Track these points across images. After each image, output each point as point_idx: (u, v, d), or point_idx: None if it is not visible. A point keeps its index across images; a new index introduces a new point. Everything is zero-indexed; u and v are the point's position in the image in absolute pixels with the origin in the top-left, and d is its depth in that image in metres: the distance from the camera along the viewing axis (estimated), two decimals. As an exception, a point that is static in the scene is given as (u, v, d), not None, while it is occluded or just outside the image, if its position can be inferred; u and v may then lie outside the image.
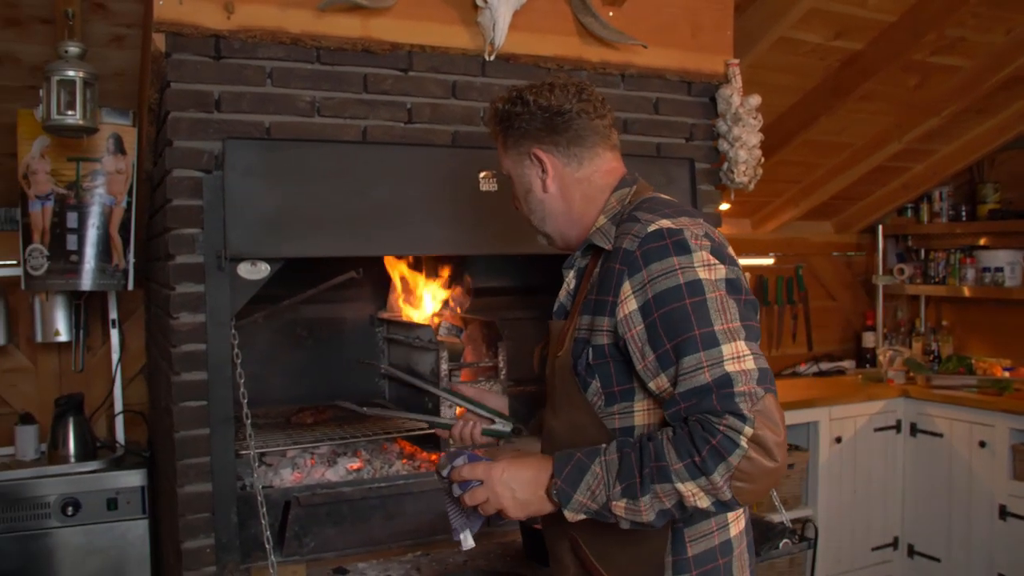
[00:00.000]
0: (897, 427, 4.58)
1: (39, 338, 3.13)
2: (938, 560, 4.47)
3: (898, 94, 3.86)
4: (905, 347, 5.02)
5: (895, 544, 4.63)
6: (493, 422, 2.02)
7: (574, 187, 1.67)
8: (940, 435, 4.42)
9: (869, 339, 5.25)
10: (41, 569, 2.96)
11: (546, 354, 1.80)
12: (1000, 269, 4.60)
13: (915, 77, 3.74)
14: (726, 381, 1.38)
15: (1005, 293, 4.61)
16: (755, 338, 1.47)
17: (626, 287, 1.49)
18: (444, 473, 1.60)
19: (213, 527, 2.30)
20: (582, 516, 1.47)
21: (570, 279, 1.71)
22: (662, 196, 1.67)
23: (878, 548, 4.58)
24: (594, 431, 1.57)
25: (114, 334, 3.23)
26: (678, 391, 1.42)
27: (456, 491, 1.58)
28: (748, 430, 1.34)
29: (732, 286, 1.49)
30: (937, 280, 4.99)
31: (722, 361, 1.40)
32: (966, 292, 4.80)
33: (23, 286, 2.79)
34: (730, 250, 1.57)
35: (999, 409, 4.16)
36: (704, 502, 1.38)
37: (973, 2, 3.20)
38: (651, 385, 1.49)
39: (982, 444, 4.22)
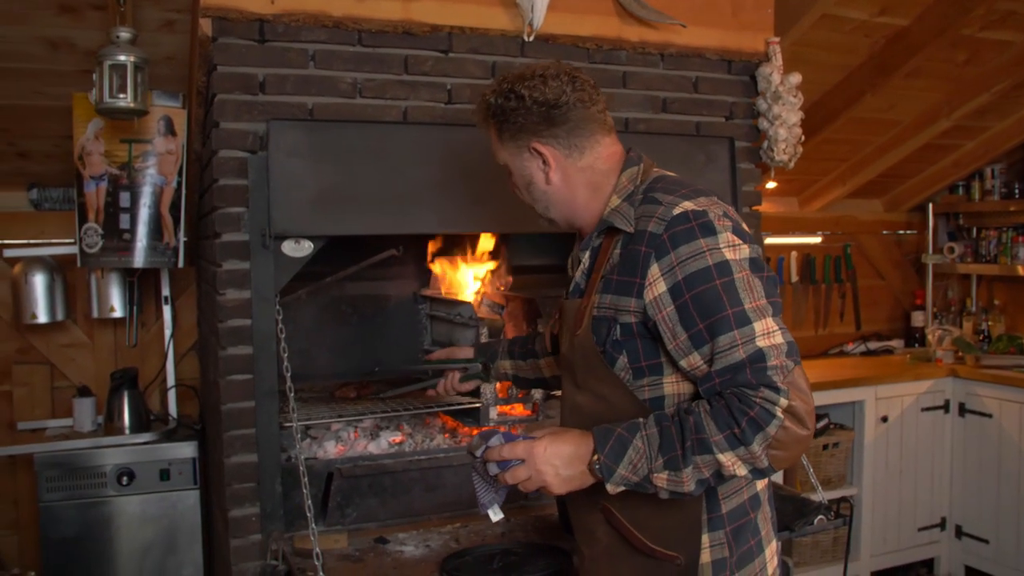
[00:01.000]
0: (945, 407, 4.53)
1: (95, 314, 3.25)
2: (987, 542, 4.42)
3: (947, 70, 3.80)
4: (955, 327, 4.94)
5: (942, 525, 4.59)
6: (466, 370, 2.27)
7: (577, 176, 1.70)
8: (989, 415, 4.36)
9: (918, 318, 5.18)
10: (99, 535, 3.10)
11: (556, 332, 1.88)
12: (1053, 248, 4.51)
13: (964, 53, 3.67)
14: (759, 356, 1.45)
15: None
16: (779, 313, 1.54)
17: (654, 270, 1.54)
18: (478, 453, 1.64)
19: (258, 496, 2.38)
20: (622, 488, 1.52)
21: (585, 259, 1.73)
22: (671, 174, 1.71)
23: (925, 528, 4.55)
24: (624, 402, 1.62)
25: (166, 310, 3.35)
26: (714, 368, 1.48)
27: (494, 469, 1.61)
28: (783, 401, 1.43)
29: (755, 265, 1.55)
30: (989, 259, 4.90)
31: (754, 337, 1.46)
32: (1019, 271, 4.71)
33: (79, 263, 2.90)
34: (744, 226, 1.62)
35: (1050, 389, 4.10)
36: (743, 470, 1.46)
37: (1024, -25, 3.13)
38: (682, 363, 1.55)
39: (1031, 425, 4.16)
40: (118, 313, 3.23)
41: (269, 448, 2.38)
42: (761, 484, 1.70)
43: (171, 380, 3.37)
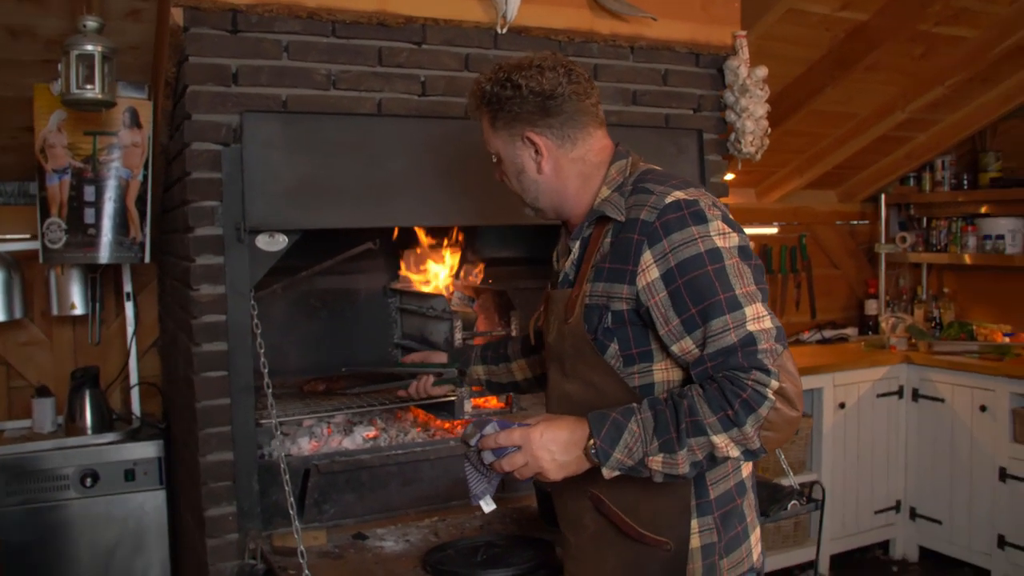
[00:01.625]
0: (899, 393, 4.64)
1: (55, 311, 3.16)
2: (940, 522, 4.55)
3: (903, 64, 3.88)
4: (907, 314, 5.07)
5: (897, 507, 4.71)
6: (440, 375, 2.29)
7: (569, 167, 1.72)
8: (942, 400, 4.48)
9: (872, 307, 5.30)
10: (61, 540, 3.02)
11: (540, 323, 1.90)
12: (1001, 237, 4.64)
13: (920, 47, 3.76)
14: (750, 340, 1.50)
15: (1006, 260, 4.66)
16: (766, 299, 1.59)
17: (647, 256, 1.57)
18: (473, 442, 1.63)
19: (235, 495, 2.35)
20: (617, 472, 1.54)
21: (575, 249, 1.74)
22: (658, 168, 1.75)
23: (881, 511, 4.66)
24: (615, 389, 1.65)
25: (129, 307, 3.27)
26: (706, 352, 1.52)
27: (488, 458, 1.61)
28: (774, 383, 1.47)
29: (744, 252, 1.60)
30: (939, 248, 5.03)
31: (745, 322, 1.51)
32: (967, 259, 4.84)
33: (41, 259, 2.81)
34: (730, 216, 1.66)
35: (1000, 374, 4.22)
36: (735, 451, 1.49)
37: (980, -29, 3.21)
38: (674, 348, 1.58)
39: (983, 408, 4.28)
40: (79, 310, 3.14)
41: (246, 445, 2.35)
42: (746, 471, 1.74)
43: (134, 378, 3.30)
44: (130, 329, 3.28)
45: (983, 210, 4.90)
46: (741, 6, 2.92)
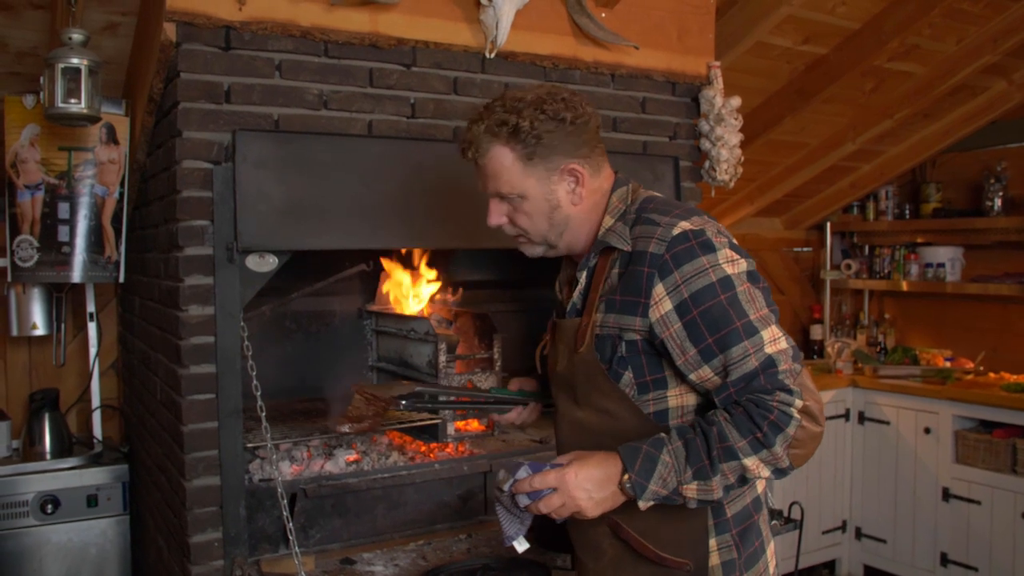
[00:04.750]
0: (846, 416, 4.78)
1: (15, 332, 3.04)
2: (884, 541, 4.68)
3: (855, 97, 4.03)
4: (850, 339, 5.23)
5: (843, 527, 4.83)
6: (549, 406, 2.00)
7: (590, 196, 1.73)
8: (887, 423, 4.63)
9: (817, 331, 5.45)
10: (20, 568, 2.90)
11: (546, 351, 1.88)
12: (942, 265, 4.83)
13: (872, 81, 3.91)
14: (770, 362, 1.52)
15: (946, 287, 4.84)
16: (778, 320, 1.62)
17: (659, 289, 1.58)
18: (507, 487, 1.61)
19: (221, 521, 2.30)
20: (651, 503, 1.56)
21: (582, 279, 1.74)
22: (658, 195, 1.75)
23: (828, 531, 4.77)
24: (629, 416, 1.66)
25: (92, 327, 3.17)
26: (729, 379, 1.55)
27: (524, 501, 1.59)
28: (798, 402, 1.51)
29: (752, 277, 1.62)
30: (883, 275, 5.21)
31: (763, 345, 1.53)
32: (905, 287, 5.02)
33: (10, 278, 2.71)
34: (735, 242, 1.69)
35: (943, 397, 4.39)
36: (766, 472, 1.53)
37: (934, 13, 3.36)
38: (691, 376, 1.60)
39: (927, 430, 4.44)
40: (41, 331, 3.03)
41: (233, 470, 2.30)
42: (761, 487, 1.77)
43: (96, 401, 3.19)
44: (93, 350, 3.18)
45: (919, 239, 5.10)
46: (714, 39, 3.00)
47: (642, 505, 1.55)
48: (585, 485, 1.56)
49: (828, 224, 5.39)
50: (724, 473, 1.52)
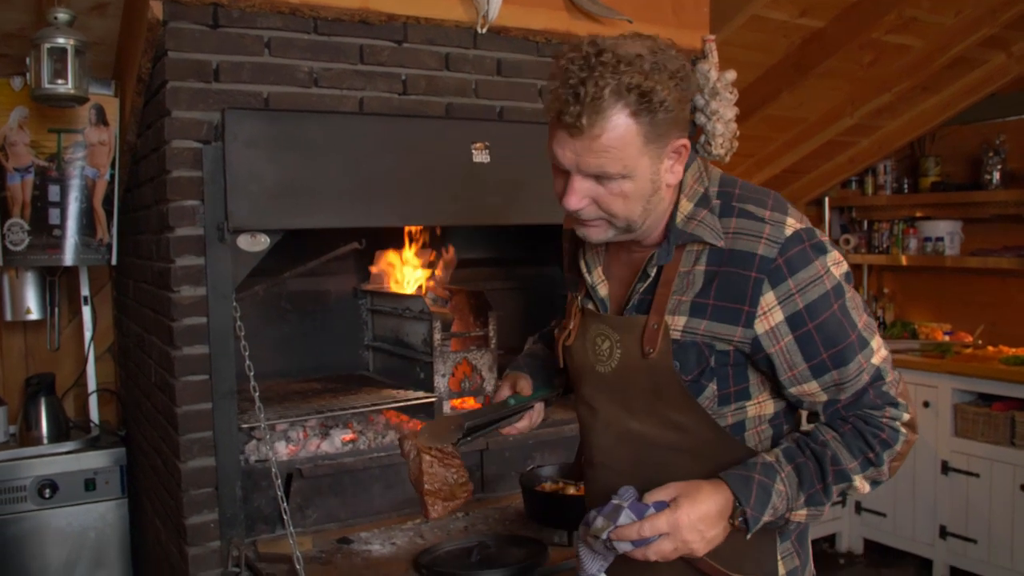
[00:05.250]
0: (845, 391, 4.76)
1: (9, 316, 3.03)
2: (884, 515, 4.69)
3: (853, 71, 3.99)
4: (849, 315, 5.21)
5: (843, 501, 4.83)
6: (547, 401, 1.82)
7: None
8: (887, 397, 4.62)
9: (815, 307, 5.42)
10: (19, 552, 2.90)
11: (569, 341, 1.62)
12: (941, 239, 4.81)
13: (870, 54, 3.87)
14: (878, 375, 1.45)
15: (944, 261, 4.83)
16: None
17: (769, 298, 1.41)
18: (605, 535, 1.40)
19: (217, 502, 2.29)
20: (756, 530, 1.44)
21: (651, 270, 1.50)
22: (732, 176, 1.54)
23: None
24: (705, 430, 1.49)
25: (86, 311, 3.15)
26: (842, 396, 1.46)
27: (626, 548, 1.39)
28: (905, 416, 1.45)
29: (848, 278, 1.48)
30: (881, 250, 5.19)
31: (872, 357, 1.45)
32: (904, 261, 5.00)
33: (1, 262, 2.69)
34: None
35: (942, 371, 4.38)
36: (868, 487, 1.47)
37: (931, -17, 3.33)
38: (792, 390, 1.48)
39: (926, 404, 4.43)
40: (35, 315, 3.02)
41: (229, 451, 2.29)
42: None
43: (92, 385, 3.18)
44: (88, 334, 3.16)
45: (919, 214, 5.08)
46: (709, 12, 2.97)
47: (749, 537, 1.43)
48: (699, 526, 1.38)
49: (827, 199, 5.36)
50: (834, 495, 1.45)
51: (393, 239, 3.08)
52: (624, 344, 1.52)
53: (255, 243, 2.28)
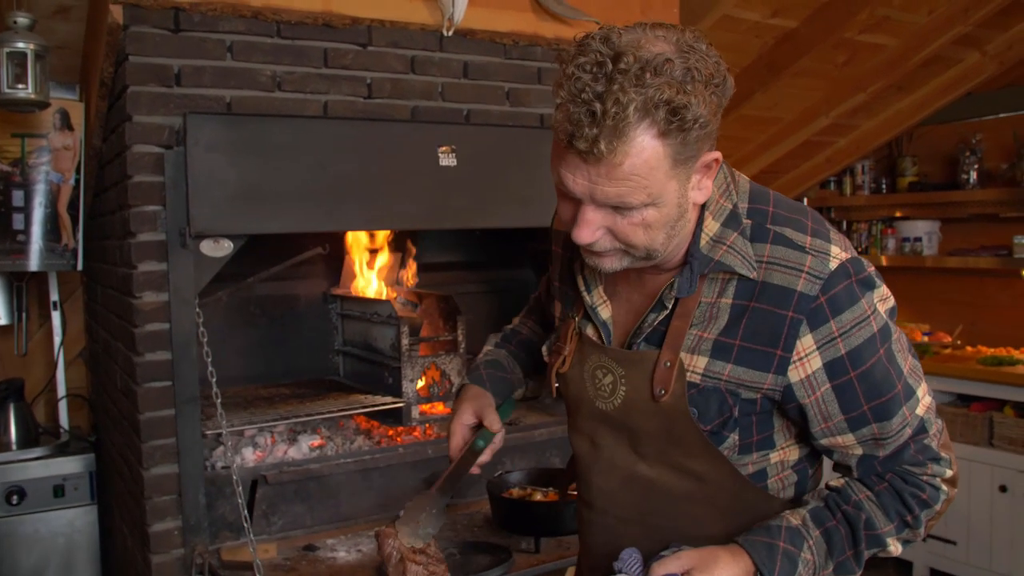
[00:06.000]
0: (824, 392, 4.76)
1: (-25, 322, 3.02)
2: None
3: (827, 70, 3.99)
4: (829, 315, 5.21)
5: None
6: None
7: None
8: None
9: (795, 308, 5.43)
10: (-13, 560, 2.88)
11: (564, 369, 1.45)
12: (919, 239, 4.82)
13: (844, 54, 3.88)
14: (922, 428, 1.31)
15: (923, 261, 4.83)
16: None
17: (807, 341, 1.23)
18: None
19: (180, 509, 2.28)
20: None
21: (668, 302, 1.31)
22: (758, 186, 1.37)
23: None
24: (724, 479, 1.35)
25: (56, 316, 3.14)
26: (882, 453, 1.31)
27: None
28: (948, 472, 1.32)
29: (894, 314, 1.31)
30: (860, 250, 5.20)
31: (916, 407, 1.30)
32: (883, 261, 5.01)
33: (-36, 268, 2.68)
34: None
35: (920, 372, 4.38)
36: (899, 549, 1.34)
37: (902, -18, 3.33)
38: (824, 442, 1.32)
39: (904, 405, 4.43)
40: (3, 320, 3.00)
41: (192, 458, 2.28)
42: None
43: (62, 390, 3.17)
44: (57, 339, 3.15)
45: (898, 214, 5.08)
46: (679, 13, 2.96)
47: None
48: None
49: (805, 200, 5.36)
50: (865, 561, 1.32)
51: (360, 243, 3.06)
52: (630, 381, 1.35)
53: (218, 248, 2.27)
